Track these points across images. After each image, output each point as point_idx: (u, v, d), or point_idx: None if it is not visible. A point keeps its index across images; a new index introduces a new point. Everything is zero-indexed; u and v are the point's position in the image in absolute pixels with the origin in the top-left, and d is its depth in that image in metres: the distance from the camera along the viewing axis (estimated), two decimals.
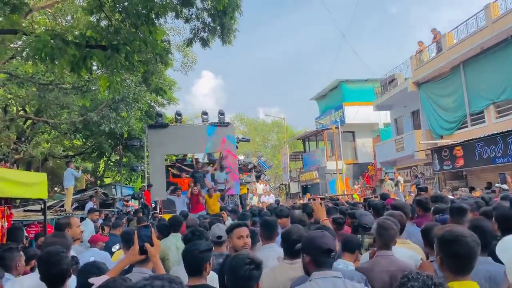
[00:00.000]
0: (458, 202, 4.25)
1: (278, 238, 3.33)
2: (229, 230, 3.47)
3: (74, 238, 3.75)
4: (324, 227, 2.82)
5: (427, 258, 3.14)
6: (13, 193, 4.94)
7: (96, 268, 2.43)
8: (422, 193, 5.41)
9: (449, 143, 16.85)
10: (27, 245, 4.63)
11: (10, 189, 4.73)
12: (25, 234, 6.53)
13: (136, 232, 2.28)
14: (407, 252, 3.23)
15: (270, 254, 3.21)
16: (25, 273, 3.08)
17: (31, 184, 5.16)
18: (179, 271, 3.22)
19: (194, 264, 2.34)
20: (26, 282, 2.55)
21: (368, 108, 25.48)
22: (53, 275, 2.38)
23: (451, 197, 8.25)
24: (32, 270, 3.18)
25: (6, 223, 5.67)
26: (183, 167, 15.72)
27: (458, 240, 2.03)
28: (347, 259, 3.18)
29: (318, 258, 2.33)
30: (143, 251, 2.24)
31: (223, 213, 7.07)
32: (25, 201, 12.68)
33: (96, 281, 2.06)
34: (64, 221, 3.81)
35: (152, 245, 2.25)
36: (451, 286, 2.01)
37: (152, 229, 2.29)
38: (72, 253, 3.11)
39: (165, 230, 5.19)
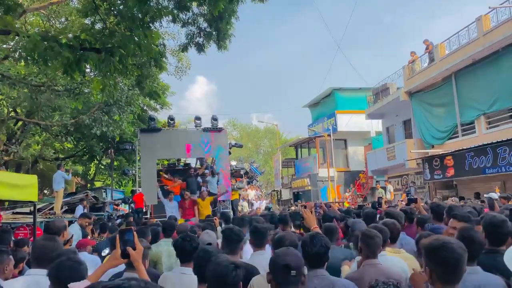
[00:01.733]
0: (461, 211, 4.26)
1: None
2: None
3: (64, 242, 3.74)
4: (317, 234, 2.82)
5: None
6: (3, 195, 4.89)
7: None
8: (412, 204, 5.45)
9: (440, 153, 17.00)
10: (14, 248, 4.57)
11: (1, 190, 4.69)
12: (13, 237, 6.45)
13: (118, 235, 2.25)
14: (397, 261, 3.25)
15: (261, 261, 3.22)
16: (13, 277, 3.05)
17: (22, 186, 5.12)
18: (167, 278, 3.22)
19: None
20: (15, 286, 2.53)
21: (360, 117, 25.66)
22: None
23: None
24: (20, 273, 3.15)
25: None
26: (168, 176, 15.65)
27: (444, 246, 2.05)
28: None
29: (277, 276, 2.24)
30: (125, 255, 2.21)
31: (215, 218, 7.06)
32: (13, 203, 12.56)
33: (76, 286, 2.02)
34: (61, 224, 3.78)
35: (134, 249, 2.23)
36: None
37: (135, 233, 2.27)
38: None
39: (157, 235, 5.17)
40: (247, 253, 3.84)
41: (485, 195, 11.01)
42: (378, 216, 5.90)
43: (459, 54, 16.17)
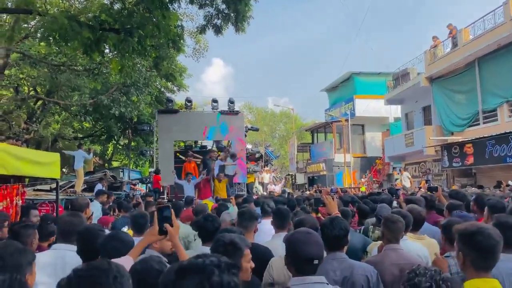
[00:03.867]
0: (495, 199, 4.22)
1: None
2: None
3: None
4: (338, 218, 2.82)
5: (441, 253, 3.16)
6: (27, 171, 5.01)
7: (119, 242, 2.50)
8: (433, 192, 5.44)
9: (460, 140, 16.72)
10: (41, 223, 4.74)
11: (25, 167, 4.80)
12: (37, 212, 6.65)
13: (156, 212, 2.29)
14: (418, 247, 3.25)
15: (282, 243, 3.25)
16: (42, 250, 3.15)
17: (45, 164, 5.23)
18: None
19: None
20: (42, 258, 2.61)
21: (379, 102, 25.34)
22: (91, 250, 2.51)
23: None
24: (49, 246, 3.25)
25: (20, 201, 5.77)
26: (195, 154, 15.87)
27: (480, 231, 2.03)
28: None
29: (297, 265, 2.22)
30: (162, 231, 2.24)
31: (232, 198, 7.17)
32: (33, 180, 12.88)
33: (121, 262, 2.07)
34: (84, 202, 3.88)
35: (172, 225, 2.26)
36: (473, 283, 2.00)
37: (172, 210, 2.31)
38: None
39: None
40: (265, 234, 3.87)
41: (510, 182, 10.85)
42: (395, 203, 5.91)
43: (484, 39, 15.71)
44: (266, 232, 3.90)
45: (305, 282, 2.15)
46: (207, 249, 3.20)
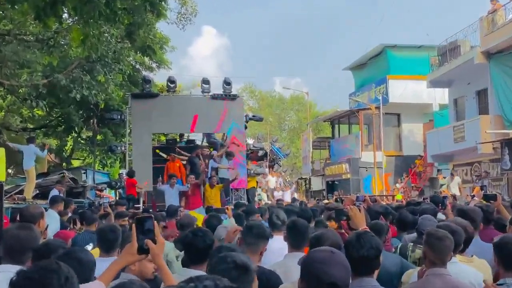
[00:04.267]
0: None
1: None
2: None
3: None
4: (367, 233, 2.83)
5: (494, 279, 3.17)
6: None
7: (76, 262, 2.50)
8: (491, 201, 5.49)
9: None
10: None
11: None
12: None
13: (134, 225, 2.29)
14: (472, 272, 3.26)
15: (296, 265, 3.26)
16: None
17: None
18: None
19: None
20: None
21: (420, 84, 25.31)
22: None
23: None
24: None
25: None
26: (182, 152, 15.95)
27: None
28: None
29: None
30: (143, 249, 2.24)
31: (227, 208, 7.22)
32: None
33: None
34: (37, 211, 3.90)
35: (154, 242, 2.27)
36: None
37: (155, 222, 2.30)
38: None
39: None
40: (274, 253, 3.88)
41: None
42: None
43: None
44: (274, 252, 3.91)
45: None
46: (195, 273, 3.23)
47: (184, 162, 15.19)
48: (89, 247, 5.63)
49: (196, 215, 8.16)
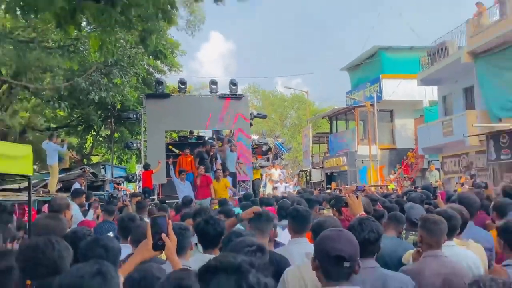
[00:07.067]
0: None
1: None
2: None
3: None
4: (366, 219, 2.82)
5: (488, 262, 3.16)
6: None
7: (103, 248, 2.51)
8: (481, 190, 5.49)
9: (510, 128, 16.61)
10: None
11: None
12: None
13: (150, 222, 2.29)
14: (469, 255, 3.24)
15: (299, 250, 3.26)
16: None
17: (15, 158, 5.22)
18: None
19: None
20: None
21: (411, 82, 25.15)
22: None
23: None
24: None
25: None
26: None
27: None
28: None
29: (326, 266, 2.22)
30: (158, 246, 2.23)
31: (233, 199, 7.22)
32: None
33: None
34: (63, 202, 3.91)
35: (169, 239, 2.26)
36: None
37: (169, 220, 2.30)
38: None
39: None
40: (281, 240, 3.89)
41: None
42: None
43: None
44: (281, 238, 3.91)
45: None
46: (210, 257, 3.23)
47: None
48: (111, 234, 5.66)
49: None
